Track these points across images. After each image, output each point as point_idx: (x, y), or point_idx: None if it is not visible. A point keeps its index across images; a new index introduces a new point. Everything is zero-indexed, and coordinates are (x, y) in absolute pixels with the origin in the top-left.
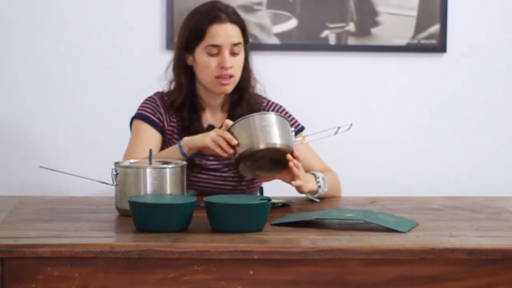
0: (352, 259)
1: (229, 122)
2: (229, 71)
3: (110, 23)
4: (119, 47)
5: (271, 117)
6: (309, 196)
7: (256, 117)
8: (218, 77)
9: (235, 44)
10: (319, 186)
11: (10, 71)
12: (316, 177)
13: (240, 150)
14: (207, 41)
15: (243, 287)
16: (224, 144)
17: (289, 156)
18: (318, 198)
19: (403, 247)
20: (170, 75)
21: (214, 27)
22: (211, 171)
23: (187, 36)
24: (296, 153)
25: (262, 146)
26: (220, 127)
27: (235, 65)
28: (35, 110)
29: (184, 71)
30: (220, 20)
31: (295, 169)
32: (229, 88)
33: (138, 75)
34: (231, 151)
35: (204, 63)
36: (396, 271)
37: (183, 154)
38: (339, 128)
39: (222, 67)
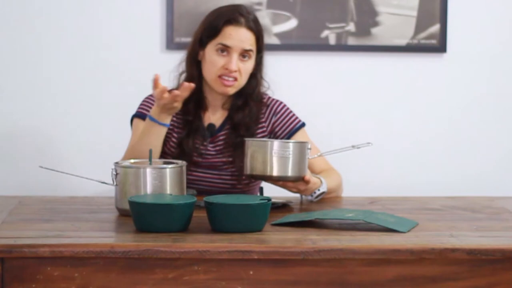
0: (352, 259)
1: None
2: (234, 74)
3: (110, 23)
4: (119, 47)
5: (289, 147)
6: (306, 198)
7: (275, 143)
8: (221, 76)
9: (246, 51)
10: (318, 189)
11: (10, 72)
12: (321, 182)
13: (250, 171)
14: (219, 39)
15: (243, 287)
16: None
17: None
18: (316, 197)
19: (403, 247)
20: (181, 67)
21: (230, 28)
22: (209, 169)
23: (203, 31)
24: (307, 177)
25: (274, 177)
26: (205, 129)
27: (241, 70)
28: (35, 110)
29: (194, 64)
30: (237, 23)
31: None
32: (231, 90)
33: (138, 75)
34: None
35: (211, 60)
36: (396, 271)
37: (163, 124)
38: (354, 146)
39: (227, 69)
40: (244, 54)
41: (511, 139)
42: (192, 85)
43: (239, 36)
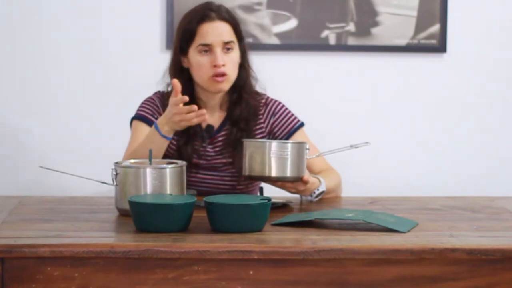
0: (352, 259)
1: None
2: (222, 69)
3: (110, 23)
4: (119, 47)
5: (287, 147)
6: (306, 198)
7: (273, 144)
8: (213, 76)
9: (227, 43)
10: (317, 189)
11: (10, 72)
12: (319, 182)
13: (249, 172)
14: (198, 40)
15: (243, 287)
16: (194, 117)
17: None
18: (316, 197)
19: (403, 247)
20: (167, 79)
21: (204, 25)
22: (208, 171)
23: (180, 39)
24: (306, 177)
25: (273, 178)
26: (201, 132)
27: (228, 63)
28: (35, 110)
29: (179, 74)
30: (209, 19)
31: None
32: (225, 86)
33: (138, 75)
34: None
35: (197, 63)
36: (396, 271)
37: (164, 136)
38: (353, 146)
39: (215, 66)
40: (226, 46)
41: (511, 139)
42: (186, 98)
43: (215, 30)
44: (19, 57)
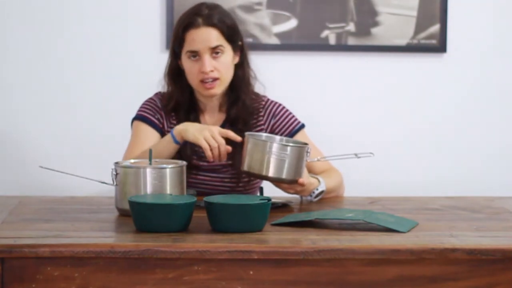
0: (352, 259)
1: (235, 136)
2: (212, 75)
3: (109, 23)
4: (118, 47)
5: (287, 150)
6: (306, 198)
7: (274, 144)
8: (202, 81)
9: (214, 48)
10: (317, 189)
11: (9, 72)
12: (319, 182)
13: (247, 168)
14: (186, 47)
15: (243, 287)
16: (216, 152)
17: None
18: (316, 196)
19: (403, 247)
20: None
21: (190, 32)
22: (208, 172)
23: (173, 43)
24: (301, 180)
25: (270, 178)
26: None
27: (218, 67)
28: (35, 110)
29: (175, 76)
30: (194, 26)
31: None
32: (216, 90)
33: (138, 75)
34: (221, 161)
35: (188, 68)
36: (396, 271)
37: (176, 143)
38: (357, 154)
39: (203, 72)
40: (214, 51)
41: (511, 139)
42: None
43: (201, 37)
44: (19, 58)
